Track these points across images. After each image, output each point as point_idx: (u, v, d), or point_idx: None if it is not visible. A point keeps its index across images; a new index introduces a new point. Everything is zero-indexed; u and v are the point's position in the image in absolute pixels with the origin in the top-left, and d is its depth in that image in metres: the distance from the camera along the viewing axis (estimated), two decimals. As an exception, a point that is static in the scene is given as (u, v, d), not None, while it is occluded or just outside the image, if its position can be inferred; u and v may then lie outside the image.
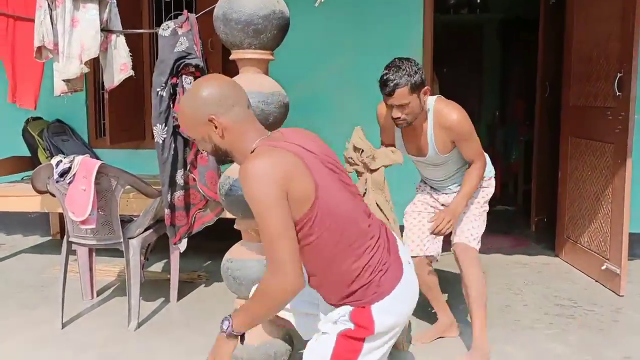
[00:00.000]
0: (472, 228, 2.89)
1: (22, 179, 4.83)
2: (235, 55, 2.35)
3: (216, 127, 1.68)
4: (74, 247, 3.32)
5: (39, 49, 3.00)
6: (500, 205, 6.05)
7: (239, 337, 1.70)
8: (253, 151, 1.70)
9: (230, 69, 3.63)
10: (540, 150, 5.33)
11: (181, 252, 3.37)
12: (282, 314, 2.05)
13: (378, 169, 2.69)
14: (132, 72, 3.03)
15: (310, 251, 1.70)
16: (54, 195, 3.20)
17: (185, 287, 3.79)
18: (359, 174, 2.73)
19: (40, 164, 4.77)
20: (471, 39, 7.94)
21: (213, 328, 2.01)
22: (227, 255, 2.46)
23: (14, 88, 3.28)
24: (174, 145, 2.75)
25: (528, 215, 5.51)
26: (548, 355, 2.89)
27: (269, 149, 1.67)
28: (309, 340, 1.87)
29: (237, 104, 1.71)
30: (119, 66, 2.99)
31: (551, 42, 5.04)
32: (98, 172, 2.95)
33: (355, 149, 2.67)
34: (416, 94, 2.61)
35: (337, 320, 1.75)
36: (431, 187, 3.09)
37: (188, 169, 2.84)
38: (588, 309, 3.49)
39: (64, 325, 3.22)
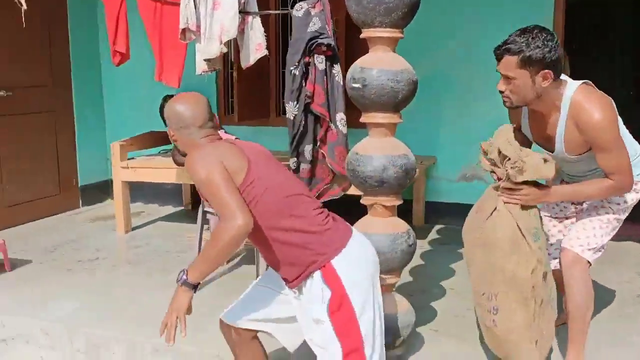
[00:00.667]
0: (592, 236, 2.39)
1: (159, 152, 5.23)
2: (366, 33, 2.39)
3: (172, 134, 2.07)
4: (207, 216, 3.57)
5: (183, 30, 3.23)
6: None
7: (194, 287, 1.91)
8: None
9: (354, 48, 3.67)
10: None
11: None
12: (263, 326, 2.17)
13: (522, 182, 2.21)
14: (266, 52, 3.19)
15: (258, 214, 1.90)
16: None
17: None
18: (497, 177, 2.30)
19: (175, 139, 5.15)
20: (604, 15, 7.44)
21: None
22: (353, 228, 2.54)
23: (161, 68, 3.56)
24: (304, 122, 2.86)
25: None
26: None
27: (204, 143, 2.01)
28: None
29: (190, 126, 2.02)
30: (255, 46, 3.15)
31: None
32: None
33: (502, 154, 2.23)
34: (528, 71, 2.14)
35: (322, 296, 1.91)
36: (565, 181, 2.59)
37: (318, 144, 2.94)
38: None
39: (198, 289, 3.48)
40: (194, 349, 2.78)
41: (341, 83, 2.85)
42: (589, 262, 2.39)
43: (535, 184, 2.23)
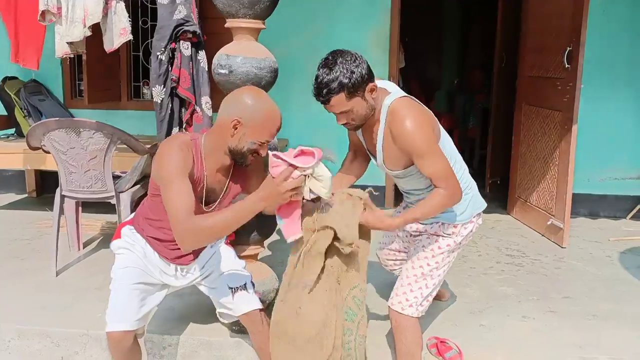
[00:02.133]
0: (410, 291, 2.38)
1: None
2: (230, 23, 2.57)
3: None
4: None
5: (43, 12, 3.14)
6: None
7: None
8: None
9: (214, 36, 3.78)
10: (496, 117, 5.73)
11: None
12: (145, 319, 2.37)
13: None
14: (131, 37, 3.21)
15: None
16: (47, 152, 3.37)
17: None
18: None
19: (17, 122, 4.91)
20: (433, 10, 8.24)
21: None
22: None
23: (17, 49, 3.42)
24: (171, 105, 2.97)
25: (483, 178, 5.92)
26: (500, 294, 3.30)
27: None
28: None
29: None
30: (119, 30, 3.16)
31: (509, 15, 5.39)
32: (94, 130, 3.15)
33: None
34: (358, 96, 2.14)
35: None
36: (409, 202, 2.56)
37: (184, 127, 3.07)
38: (535, 258, 3.91)
39: (57, 273, 3.44)
40: (59, 330, 2.79)
41: (206, 68, 3.00)
42: (411, 316, 2.39)
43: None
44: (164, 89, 2.91)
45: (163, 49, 2.84)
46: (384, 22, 4.98)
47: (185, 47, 2.89)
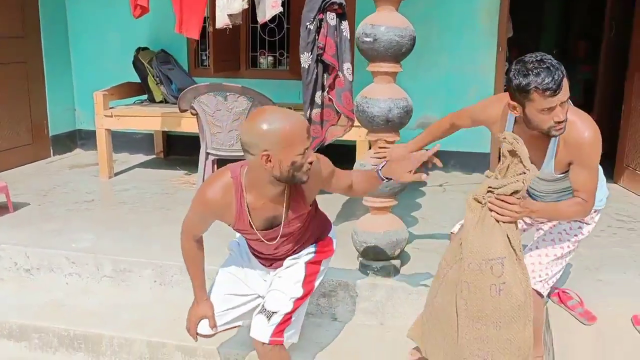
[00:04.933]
0: (545, 268, 2.46)
1: (134, 102, 5.46)
2: (374, -6, 2.83)
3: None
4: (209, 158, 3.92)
5: (207, -13, 3.53)
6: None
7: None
8: None
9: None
10: (602, 87, 5.72)
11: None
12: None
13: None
14: (281, 9, 3.53)
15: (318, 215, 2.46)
16: (194, 115, 3.78)
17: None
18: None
19: (150, 89, 5.41)
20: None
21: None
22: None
23: (181, 20, 3.82)
24: (316, 70, 3.28)
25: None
26: (615, 254, 3.45)
27: None
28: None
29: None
30: (271, 3, 3.49)
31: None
32: (239, 94, 3.52)
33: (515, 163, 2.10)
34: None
35: (307, 252, 2.42)
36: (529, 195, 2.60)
37: (326, 90, 3.37)
38: (647, 224, 4.01)
39: (201, 222, 3.87)
40: (210, 267, 3.19)
41: (348, 37, 3.30)
42: (539, 292, 2.45)
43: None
44: (311, 55, 3.22)
45: (312, 19, 3.14)
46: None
47: (331, 18, 3.18)
